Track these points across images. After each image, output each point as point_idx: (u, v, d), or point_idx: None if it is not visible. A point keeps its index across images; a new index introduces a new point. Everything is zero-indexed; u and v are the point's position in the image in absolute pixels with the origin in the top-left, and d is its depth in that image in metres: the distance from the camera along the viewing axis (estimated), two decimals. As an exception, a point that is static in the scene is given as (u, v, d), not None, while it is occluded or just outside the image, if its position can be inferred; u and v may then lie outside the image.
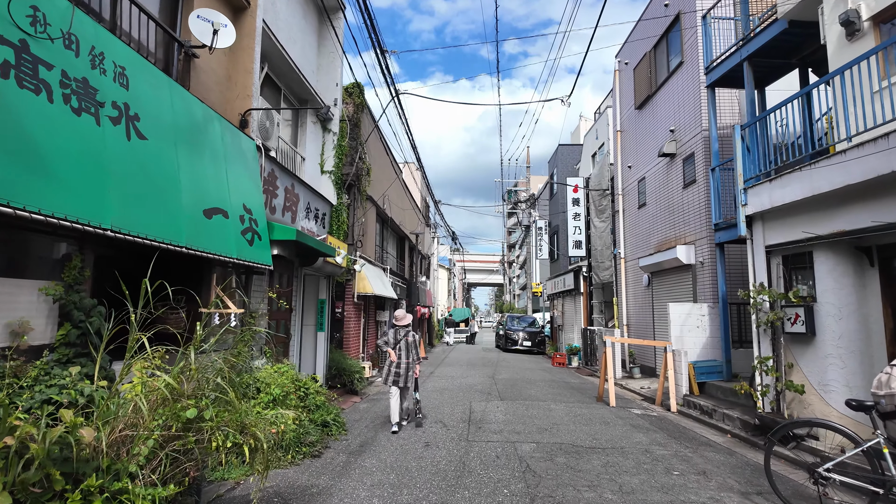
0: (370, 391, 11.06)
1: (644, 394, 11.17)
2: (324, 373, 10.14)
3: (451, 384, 12.16)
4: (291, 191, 8.39)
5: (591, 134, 21.25)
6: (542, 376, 14.23)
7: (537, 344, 24.16)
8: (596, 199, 17.35)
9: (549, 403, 9.54)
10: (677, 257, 11.24)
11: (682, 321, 10.05)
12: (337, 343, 11.52)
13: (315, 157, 10.43)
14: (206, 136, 5.77)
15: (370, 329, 14.28)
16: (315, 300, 10.43)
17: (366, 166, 12.62)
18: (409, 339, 7.46)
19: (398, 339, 7.43)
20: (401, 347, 7.37)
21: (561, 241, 24.69)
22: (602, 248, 16.89)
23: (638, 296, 14.37)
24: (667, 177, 12.54)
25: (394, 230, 18.53)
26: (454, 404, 9.32)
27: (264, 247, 6.58)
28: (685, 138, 11.68)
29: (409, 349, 7.40)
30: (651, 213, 13.46)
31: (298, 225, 8.72)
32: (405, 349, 7.38)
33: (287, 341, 8.34)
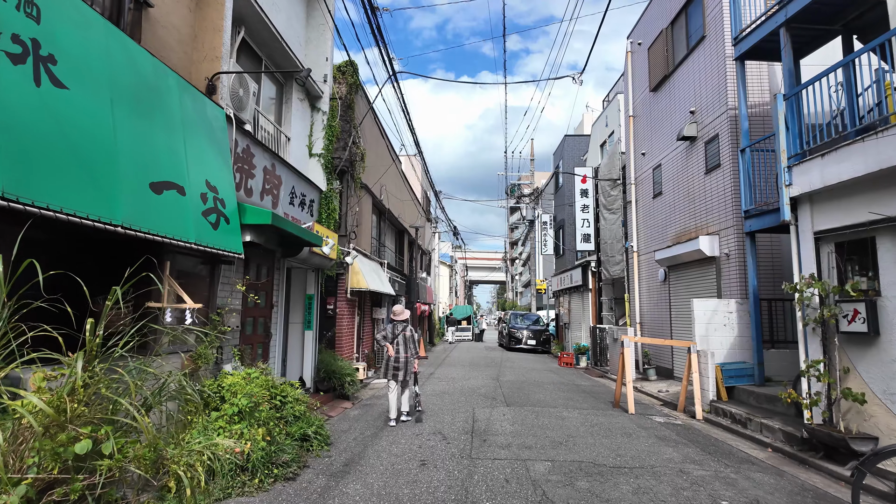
0: (364, 395, 10.13)
1: (663, 398, 10.22)
2: (311, 376, 9.21)
3: (452, 387, 11.22)
4: (272, 172, 7.45)
5: (599, 123, 20.27)
6: (549, 378, 13.29)
7: (542, 343, 23.22)
8: (606, 190, 16.38)
9: (561, 410, 8.59)
10: (699, 249, 10.28)
11: (707, 319, 9.09)
12: (328, 343, 10.59)
13: (302, 139, 9.48)
14: (158, 96, 4.83)
15: (366, 327, 13.35)
16: (302, 296, 9.50)
17: (360, 151, 11.66)
18: (407, 334, 7.50)
19: (396, 333, 7.48)
20: (399, 342, 7.44)
21: (567, 235, 23.73)
22: (612, 241, 15.92)
23: (652, 292, 13.41)
24: (686, 162, 11.57)
25: (392, 223, 17.58)
26: (455, 411, 8.38)
27: (233, 231, 5.64)
28: (707, 119, 10.70)
29: (407, 344, 7.46)
30: (668, 202, 12.49)
31: (281, 211, 7.78)
32: (403, 344, 7.44)
33: (266, 341, 7.40)
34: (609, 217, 16.12)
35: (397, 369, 7.34)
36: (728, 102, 9.92)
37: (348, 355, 11.49)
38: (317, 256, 8.53)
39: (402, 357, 7.39)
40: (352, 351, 11.81)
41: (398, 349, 7.40)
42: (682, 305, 11.73)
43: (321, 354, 9.53)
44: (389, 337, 7.49)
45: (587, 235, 17.43)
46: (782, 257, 9.61)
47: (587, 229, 17.44)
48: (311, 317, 9.37)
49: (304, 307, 9.42)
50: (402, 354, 7.39)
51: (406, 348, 7.44)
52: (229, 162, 5.92)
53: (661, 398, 10.27)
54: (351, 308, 11.75)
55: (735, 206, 9.64)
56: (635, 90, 14.88)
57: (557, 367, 16.84)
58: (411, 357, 7.45)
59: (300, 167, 9.11)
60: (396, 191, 17.21)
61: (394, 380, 7.33)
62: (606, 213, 16.26)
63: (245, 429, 4.82)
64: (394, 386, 7.34)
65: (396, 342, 7.44)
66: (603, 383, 12.77)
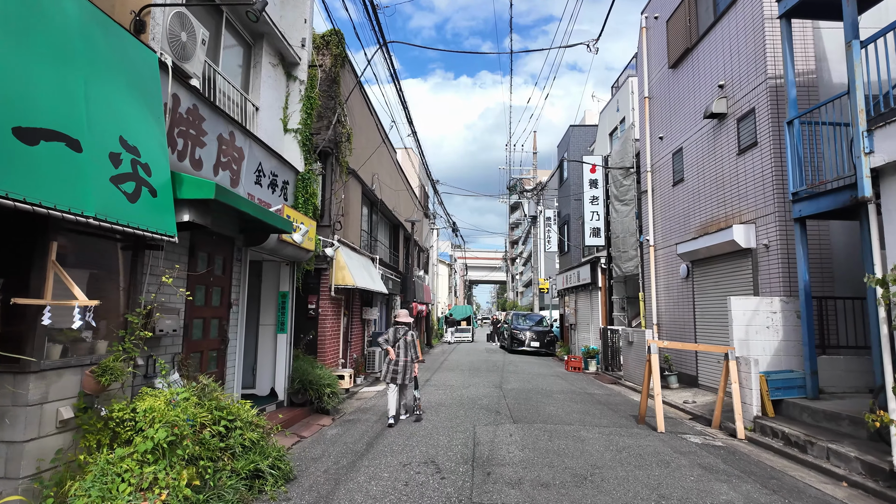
0: (348, 407, 8.82)
1: (690, 410, 8.91)
2: (284, 386, 7.89)
3: (450, 397, 9.91)
4: (230, 143, 6.14)
5: (608, 110, 18.96)
6: (558, 385, 11.98)
7: (546, 345, 21.91)
8: (617, 180, 15.08)
9: (579, 428, 7.28)
10: (733, 240, 8.97)
11: (747, 320, 7.78)
12: (307, 347, 9.29)
13: (275, 110, 8.18)
14: (41, 16, 3.52)
15: (354, 329, 12.05)
16: (275, 293, 8.19)
17: (346, 131, 10.36)
18: (408, 339, 7.66)
19: (397, 337, 7.64)
20: (399, 346, 7.58)
21: (573, 231, 22.43)
22: (625, 235, 14.62)
23: (672, 289, 12.10)
24: (713, 143, 10.26)
25: (385, 216, 16.28)
26: (453, 428, 7.07)
27: (163, 207, 4.33)
28: (740, 93, 9.40)
29: (408, 347, 7.62)
30: (691, 189, 11.18)
31: (243, 191, 6.48)
32: (404, 347, 7.59)
33: (222, 347, 6.09)
34: (621, 209, 14.81)
35: (396, 372, 7.44)
36: (767, 71, 8.62)
37: (332, 361, 10.18)
38: (289, 247, 7.22)
39: (401, 361, 7.50)
40: (337, 356, 10.50)
41: (398, 353, 7.53)
42: (708, 305, 10.43)
43: (297, 361, 8.21)
44: (391, 340, 7.62)
45: (597, 229, 16.12)
46: (831, 248, 8.30)
47: (597, 223, 16.12)
48: (285, 318, 8.06)
49: (276, 307, 8.11)
50: (402, 358, 7.51)
51: (406, 352, 7.58)
52: (162, 120, 4.61)
53: (689, 410, 8.96)
54: (336, 308, 10.44)
55: (777, 188, 8.33)
56: (651, 69, 13.57)
57: (564, 371, 15.53)
58: (411, 361, 7.59)
59: (272, 142, 7.81)
60: (390, 181, 15.92)
61: (393, 383, 7.43)
62: (618, 205, 14.95)
63: (161, 471, 3.51)
64: (393, 388, 7.43)
65: (398, 346, 7.57)
66: (618, 391, 11.46)
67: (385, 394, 8.66)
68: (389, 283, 15.28)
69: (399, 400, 7.52)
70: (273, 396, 7.89)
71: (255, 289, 8.18)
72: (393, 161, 17.06)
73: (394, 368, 7.45)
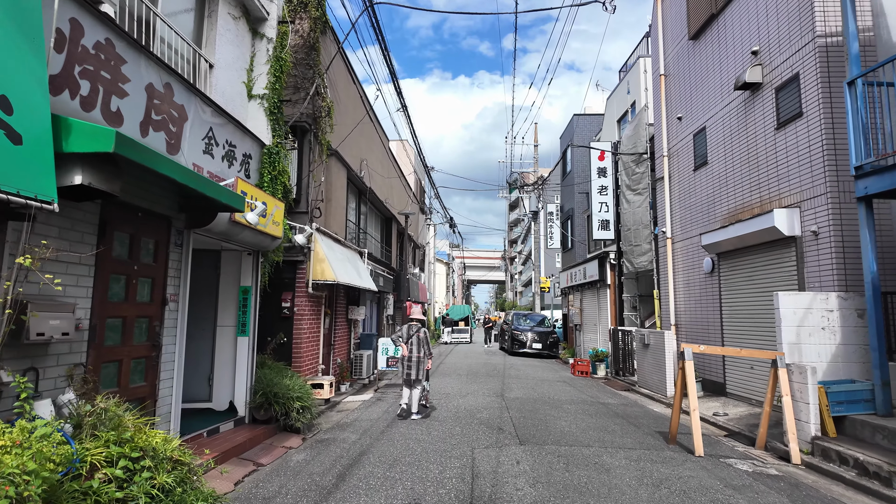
0: (325, 423, 7.54)
1: (723, 424, 7.66)
2: (245, 399, 6.61)
3: (446, 408, 8.64)
4: (166, 98, 4.87)
5: (616, 95, 17.73)
6: (567, 393, 10.71)
7: (549, 346, 20.64)
8: (629, 167, 13.82)
9: (600, 452, 6.01)
10: (773, 227, 7.72)
11: (798, 319, 6.54)
12: (277, 352, 8.02)
13: (237, 72, 6.91)
14: None
15: (338, 331, 10.77)
16: (235, 289, 6.90)
17: (326, 104, 9.09)
18: (421, 335, 7.98)
19: (410, 334, 7.97)
20: (413, 342, 7.90)
21: (577, 226, 21.19)
22: (637, 227, 13.36)
23: (693, 286, 10.85)
24: (745, 119, 9.02)
25: (376, 207, 15.00)
26: (447, 453, 5.80)
27: (32, 161, 3.07)
28: (779, 58, 8.16)
29: (421, 344, 7.92)
30: (717, 173, 9.93)
31: (186, 159, 5.20)
32: (416, 344, 7.91)
33: (153, 354, 4.80)
34: (633, 199, 13.55)
35: (409, 368, 7.79)
36: (815, 28, 7.37)
37: (310, 368, 8.91)
38: (247, 231, 5.94)
39: (414, 356, 7.85)
40: (316, 361, 9.22)
41: (412, 349, 7.88)
42: (738, 303, 9.18)
43: (262, 369, 6.93)
44: (404, 337, 7.98)
45: (605, 222, 14.86)
46: (894, 234, 7.06)
47: (605, 214, 14.86)
48: (247, 317, 6.77)
49: (237, 304, 6.83)
50: (415, 354, 7.87)
51: (419, 348, 7.91)
52: (41, 47, 3.34)
53: (722, 424, 7.71)
54: (315, 306, 9.16)
55: (829, 164, 7.08)
56: (667, 43, 12.32)
57: (571, 376, 14.27)
58: (423, 356, 7.90)
59: (234, 111, 6.54)
60: (382, 169, 14.65)
61: (407, 377, 7.81)
62: (630, 195, 13.69)
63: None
64: (406, 390, 7.86)
65: (410, 342, 7.93)
66: (634, 400, 10.19)
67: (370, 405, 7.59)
68: (380, 279, 14.01)
69: (412, 394, 7.82)
70: (232, 412, 6.61)
71: (212, 283, 6.90)
72: (385, 149, 15.79)
73: (408, 364, 7.81)
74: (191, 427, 5.73)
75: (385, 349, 10.93)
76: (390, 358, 10.90)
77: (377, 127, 14.42)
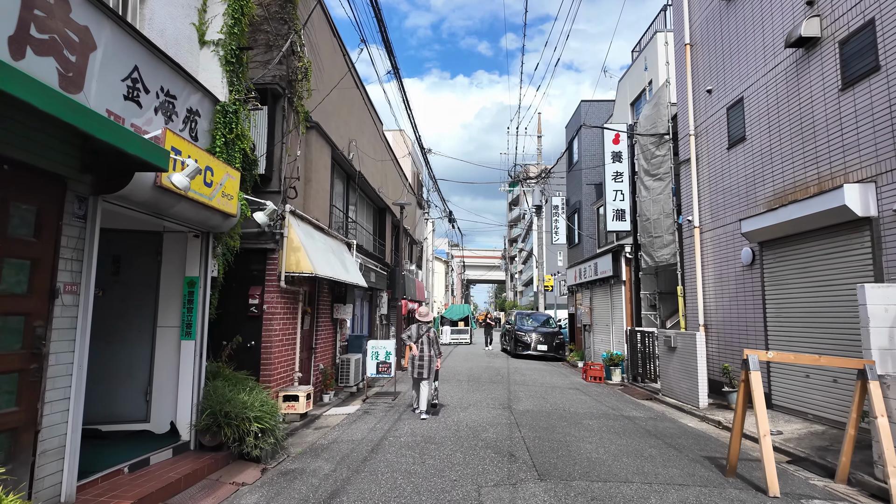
0: (296, 445, 6.15)
1: (782, 446, 6.28)
2: (191, 420, 5.22)
3: (444, 425, 7.27)
4: (60, 13, 3.50)
5: (629, 76, 16.37)
6: (583, 404, 9.34)
7: (555, 348, 19.26)
8: (648, 151, 12.46)
9: (643, 490, 4.63)
10: (844, 206, 6.35)
11: (892, 319, 5.17)
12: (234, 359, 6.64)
13: (182, 8, 5.53)
14: None
15: (321, 332, 9.39)
16: (180, 280, 5.52)
17: (303, 65, 7.71)
18: (431, 335, 8.13)
19: (420, 334, 8.08)
20: (423, 342, 8.03)
21: (584, 219, 19.84)
22: (658, 217, 12.00)
23: (727, 281, 9.49)
24: (797, 82, 7.65)
25: (367, 195, 13.63)
26: (444, 495, 4.43)
27: None
28: (844, 4, 6.80)
29: (431, 343, 8.07)
30: (758, 149, 8.58)
31: (94, 102, 3.82)
32: (427, 343, 8.05)
33: (32, 368, 3.42)
34: (653, 185, 12.19)
35: (422, 367, 7.89)
36: (898, -39, 6.01)
37: (284, 376, 7.53)
38: (184, 203, 4.55)
39: (426, 355, 7.95)
40: (291, 369, 7.83)
41: (422, 348, 7.98)
42: (788, 299, 7.82)
43: (214, 381, 5.54)
44: (414, 337, 8.05)
45: (621, 212, 13.49)
46: None
47: (621, 204, 13.49)
48: (193, 316, 5.38)
49: (182, 300, 5.44)
50: (426, 353, 7.96)
51: (430, 347, 8.02)
52: None
53: (780, 446, 6.32)
54: (290, 304, 7.78)
55: (921, 127, 5.72)
56: (693, 9, 10.96)
57: (582, 381, 12.91)
58: (434, 355, 8.00)
59: (177, 54, 5.17)
60: (374, 153, 13.27)
61: (419, 377, 7.89)
62: (649, 181, 12.33)
63: None
64: (419, 383, 7.91)
65: (421, 341, 8.01)
66: (661, 412, 8.83)
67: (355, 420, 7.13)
68: (372, 275, 12.64)
69: (422, 393, 7.86)
70: (174, 435, 5.23)
71: (152, 273, 5.53)
72: (379, 134, 14.42)
73: (419, 364, 7.91)
74: (109, 459, 4.36)
75: (375, 353, 9.55)
76: (381, 363, 9.53)
77: (369, 107, 13.06)
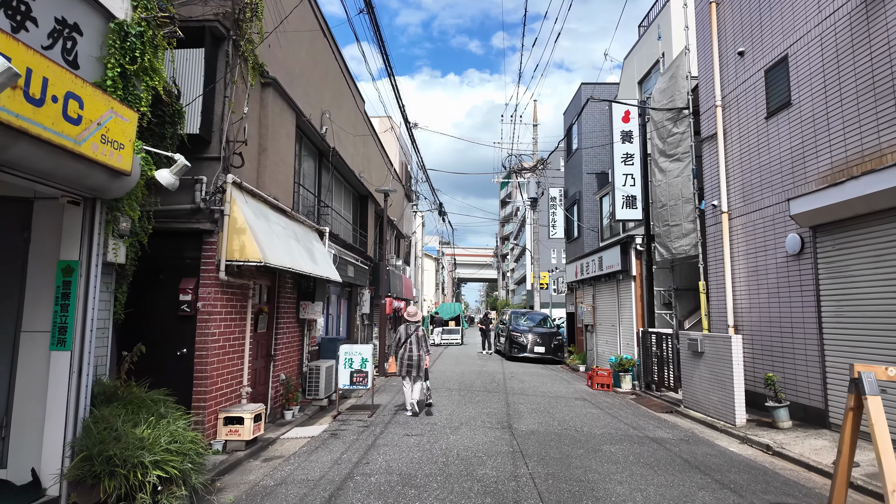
0: (235, 488, 4.58)
1: (867, 484, 4.81)
2: (60, 469, 3.63)
3: (429, 456, 5.73)
4: None
5: (637, 52, 14.92)
6: (596, 420, 7.85)
7: (553, 350, 17.80)
8: (663, 129, 11.01)
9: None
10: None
11: None
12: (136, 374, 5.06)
13: None
14: None
15: (283, 336, 7.81)
16: (51, 267, 3.92)
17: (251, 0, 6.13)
18: (420, 334, 8.09)
19: (409, 333, 8.05)
20: (412, 341, 7.99)
21: (585, 211, 18.42)
22: (675, 202, 10.54)
23: (765, 273, 8.05)
24: (867, 27, 6.20)
25: (345, 179, 12.07)
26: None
27: None
28: (938, -79, 5.35)
29: (420, 343, 8.02)
30: (808, 114, 7.13)
31: None
32: (416, 343, 8.01)
33: None
34: (670, 167, 10.73)
35: (411, 367, 7.90)
36: None
37: (226, 393, 5.94)
38: (25, 142, 2.96)
39: (415, 355, 7.92)
40: (237, 382, 6.25)
41: (412, 347, 7.95)
42: (853, 294, 6.37)
43: (102, 409, 3.94)
44: (402, 338, 8.04)
45: (632, 198, 12.03)
46: None
47: (631, 189, 12.03)
48: (69, 318, 3.79)
49: (54, 295, 3.85)
50: (415, 353, 7.93)
51: (419, 347, 7.99)
52: None
53: (864, 485, 4.86)
54: (235, 301, 6.20)
55: None
56: (720, -39, 9.50)
57: (588, 389, 11.45)
58: (423, 354, 7.97)
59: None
60: (353, 130, 11.70)
61: (408, 376, 7.90)
62: (665, 163, 10.87)
63: None
64: (408, 381, 7.92)
65: (410, 341, 7.99)
66: (690, 430, 7.36)
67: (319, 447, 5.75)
68: (350, 269, 11.08)
69: (413, 392, 7.90)
70: (35, 488, 3.64)
71: (14, 255, 3.93)
72: (360, 111, 12.85)
73: (408, 363, 7.88)
74: None
75: (348, 360, 7.98)
76: (356, 373, 7.96)
77: (348, 79, 11.48)
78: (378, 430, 6.93)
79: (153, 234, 5.72)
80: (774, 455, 6.13)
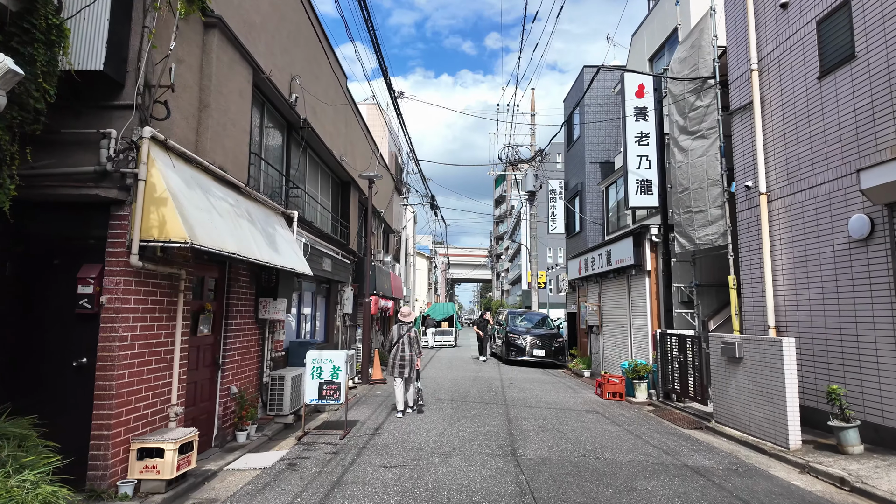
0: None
1: None
2: None
3: (407, 501, 4.33)
4: None
5: (646, 27, 13.60)
6: (619, 442, 6.47)
7: (554, 353, 16.40)
8: (684, 103, 9.68)
9: None
10: None
11: None
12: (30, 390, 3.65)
13: None
14: None
15: (235, 341, 6.37)
16: None
17: None
18: (412, 335, 8.11)
19: (401, 333, 8.07)
20: (404, 342, 8.00)
21: (588, 203, 17.10)
22: (699, 185, 9.21)
23: (818, 264, 6.72)
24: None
25: (321, 159, 10.66)
26: None
27: None
28: None
29: (412, 343, 8.05)
30: (881, 66, 5.81)
31: None
32: (408, 343, 8.01)
33: None
34: (692, 146, 9.40)
35: (403, 367, 7.88)
36: None
37: (143, 415, 4.50)
38: None
39: (407, 355, 7.92)
40: (163, 400, 4.80)
41: (404, 348, 7.94)
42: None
43: None
44: (395, 338, 8.05)
45: (647, 182, 10.68)
46: None
47: (647, 172, 10.68)
48: None
49: None
50: (407, 353, 7.93)
51: (411, 347, 8.01)
52: None
53: None
54: (160, 296, 4.77)
55: None
56: None
57: (597, 398, 10.10)
58: (415, 355, 8.02)
59: None
60: (330, 102, 10.27)
61: (399, 377, 7.89)
62: (686, 141, 9.54)
63: None
64: (399, 382, 7.89)
65: (402, 341, 7.98)
66: (733, 455, 5.99)
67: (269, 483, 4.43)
68: (327, 262, 9.65)
69: (406, 392, 7.94)
70: None
71: None
72: (342, 88, 11.42)
73: (400, 363, 7.87)
74: None
75: (316, 369, 6.56)
76: (325, 384, 6.54)
77: (324, 45, 10.05)
78: (349, 458, 5.51)
79: (44, 206, 4.31)
80: (854, 493, 4.79)
